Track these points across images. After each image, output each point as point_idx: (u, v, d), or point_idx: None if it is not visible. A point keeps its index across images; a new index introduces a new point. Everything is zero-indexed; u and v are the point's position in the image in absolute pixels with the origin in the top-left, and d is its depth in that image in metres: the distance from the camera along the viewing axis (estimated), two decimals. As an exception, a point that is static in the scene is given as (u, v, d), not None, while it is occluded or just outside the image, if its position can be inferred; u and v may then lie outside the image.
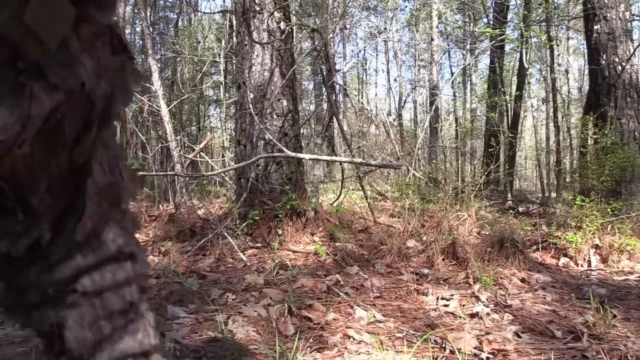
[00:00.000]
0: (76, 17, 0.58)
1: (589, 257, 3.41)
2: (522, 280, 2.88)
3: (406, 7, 19.19)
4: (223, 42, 11.62)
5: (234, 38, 5.08)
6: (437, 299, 2.48)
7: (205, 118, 14.57)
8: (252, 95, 4.16)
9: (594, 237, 3.50)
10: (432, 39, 13.34)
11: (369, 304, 2.36)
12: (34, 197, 0.65)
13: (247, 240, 3.70)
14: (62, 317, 0.68)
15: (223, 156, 9.91)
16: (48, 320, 0.69)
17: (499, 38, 6.77)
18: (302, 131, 5.63)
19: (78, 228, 0.68)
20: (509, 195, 7.98)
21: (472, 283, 2.75)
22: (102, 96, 0.67)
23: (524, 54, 9.96)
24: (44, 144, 0.64)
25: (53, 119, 0.62)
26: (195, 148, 5.50)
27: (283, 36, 4.25)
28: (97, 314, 0.68)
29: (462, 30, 14.72)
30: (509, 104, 10.24)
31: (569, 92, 16.37)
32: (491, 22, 9.46)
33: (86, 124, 0.67)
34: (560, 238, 3.57)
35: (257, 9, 4.21)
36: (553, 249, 3.58)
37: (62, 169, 0.66)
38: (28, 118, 0.57)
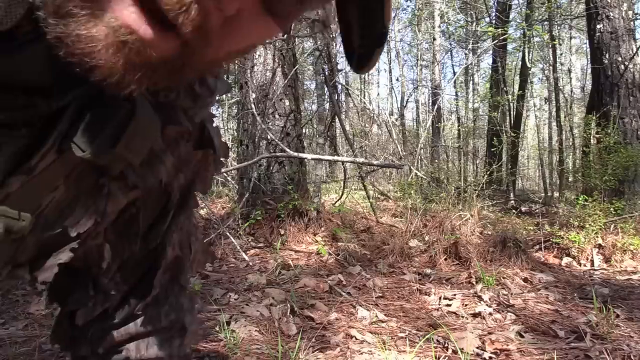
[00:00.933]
0: (162, 121, 0.57)
1: (592, 257, 3.40)
2: (525, 280, 2.88)
3: (408, 6, 19.16)
4: (225, 42, 11.61)
5: (236, 38, 5.08)
6: (440, 298, 2.48)
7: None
8: (254, 95, 4.17)
9: (597, 237, 3.49)
10: (434, 39, 13.33)
11: (372, 304, 2.36)
12: (105, 277, 0.68)
13: (249, 240, 3.70)
14: None
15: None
16: None
17: (501, 37, 6.76)
18: (304, 131, 5.63)
19: (141, 306, 0.71)
20: (512, 194, 7.97)
21: (474, 283, 2.74)
22: (179, 187, 0.68)
23: (526, 54, 9.93)
24: (119, 232, 0.66)
25: (129, 212, 0.64)
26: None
27: (285, 36, 4.25)
28: None
29: (464, 30, 14.70)
30: (511, 104, 10.22)
31: (571, 91, 16.33)
32: (493, 22, 9.45)
33: (162, 213, 0.69)
34: (563, 238, 3.56)
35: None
36: (556, 249, 3.57)
37: (135, 252, 0.69)
38: (103, 214, 0.58)
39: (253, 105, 4.09)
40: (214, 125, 0.70)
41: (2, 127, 0.47)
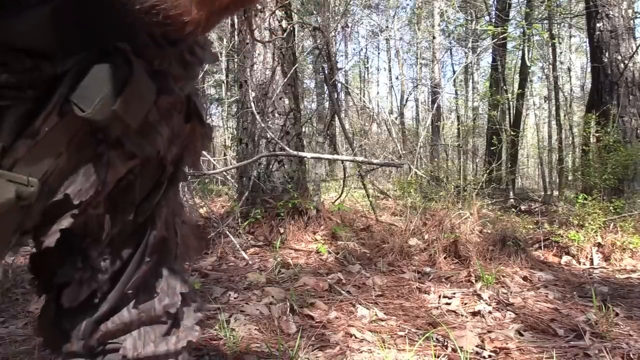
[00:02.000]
0: (157, 91, 0.61)
1: (592, 256, 3.41)
2: (524, 278, 2.88)
3: (408, 5, 19.16)
4: (225, 40, 11.62)
5: (236, 36, 5.08)
6: (439, 297, 2.48)
7: (207, 117, 14.57)
8: (253, 94, 4.16)
9: (597, 236, 3.49)
10: (434, 37, 13.32)
11: (371, 303, 2.36)
12: (95, 250, 0.67)
13: (249, 239, 3.70)
14: None
15: (225, 155, 9.92)
16: None
17: (501, 36, 6.75)
18: (303, 130, 5.63)
19: (132, 283, 0.70)
20: (511, 193, 7.97)
21: (474, 281, 2.75)
22: (172, 160, 0.70)
23: (526, 52, 9.93)
24: (114, 202, 0.67)
25: (125, 181, 0.65)
26: (197, 147, 5.51)
27: (285, 35, 4.25)
28: None
29: (464, 28, 14.69)
30: (511, 102, 10.22)
31: (571, 90, 16.33)
32: (493, 20, 9.44)
33: (156, 185, 0.70)
34: (562, 236, 3.56)
35: (259, 7, 4.21)
36: (555, 248, 3.57)
37: (126, 226, 0.69)
38: (104, 183, 0.60)
39: (253, 104, 4.09)
40: (200, 99, 0.72)
41: (10, 88, 0.49)
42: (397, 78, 19.38)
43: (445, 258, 3.19)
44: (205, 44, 0.70)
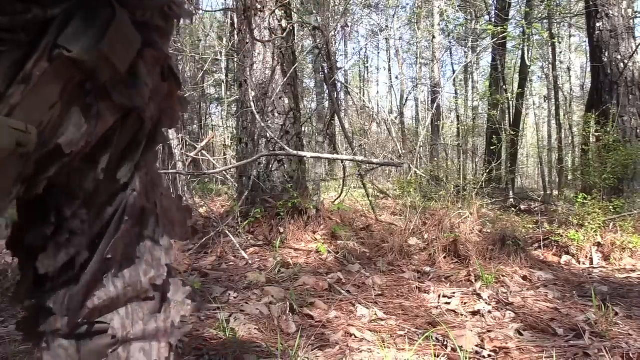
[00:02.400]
0: (142, 43, 0.64)
1: (591, 255, 3.41)
2: (524, 278, 2.88)
3: (407, 4, 19.16)
4: (224, 40, 11.62)
5: (236, 36, 5.07)
6: (439, 296, 2.48)
7: (207, 116, 14.57)
8: (253, 94, 4.16)
9: (596, 235, 3.49)
10: (434, 37, 13.32)
11: (371, 302, 2.36)
12: (69, 209, 0.65)
13: (248, 239, 3.70)
14: (81, 356, 0.68)
15: (225, 154, 9.92)
16: (64, 353, 0.68)
17: (501, 35, 6.75)
18: (303, 129, 5.63)
19: (111, 247, 0.68)
20: (511, 193, 7.96)
21: (473, 281, 2.75)
22: (150, 117, 0.71)
23: (525, 52, 9.93)
24: (92, 155, 0.66)
25: (104, 134, 0.66)
26: (197, 146, 5.51)
27: (284, 34, 4.25)
28: None
29: (463, 28, 14.69)
30: (510, 102, 10.22)
31: (571, 89, 16.33)
32: (493, 20, 9.44)
33: (134, 142, 0.70)
34: (562, 236, 3.56)
35: (259, 7, 4.21)
36: (555, 247, 3.57)
37: (104, 186, 0.68)
38: (93, 134, 0.62)
39: (252, 104, 4.09)
40: (174, 61, 0.74)
41: (3, 31, 0.52)
42: (397, 77, 19.40)
43: (445, 257, 3.19)
44: (180, 1, 0.73)
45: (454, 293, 2.53)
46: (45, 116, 0.56)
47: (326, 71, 5.05)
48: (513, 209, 6.14)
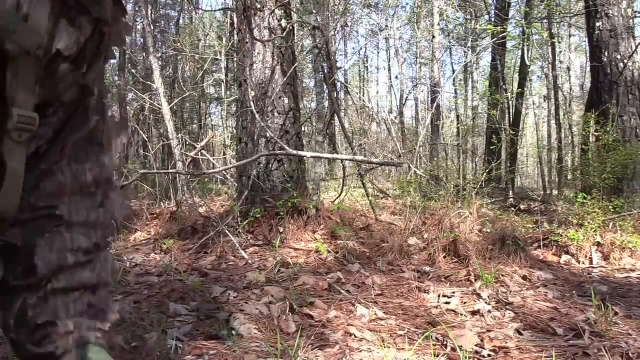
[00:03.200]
0: None
1: (591, 255, 3.41)
2: (524, 277, 2.88)
3: (407, 4, 19.17)
4: (224, 39, 11.61)
5: (235, 36, 5.07)
6: (439, 296, 2.48)
7: (207, 116, 14.57)
8: (253, 93, 4.16)
9: (596, 235, 3.49)
10: (433, 36, 13.31)
11: (370, 302, 2.36)
12: (51, 107, 0.75)
13: (248, 238, 3.70)
14: (36, 239, 0.76)
15: (224, 154, 9.92)
16: (23, 238, 0.76)
17: (501, 35, 6.75)
18: (303, 129, 5.63)
19: (68, 143, 0.78)
20: (511, 192, 7.97)
21: (473, 280, 2.75)
22: (108, 32, 0.80)
23: (525, 51, 9.93)
24: (74, 62, 0.75)
25: (84, 43, 0.75)
26: (197, 146, 5.51)
27: (284, 34, 4.25)
28: (65, 246, 0.77)
29: (463, 28, 14.69)
30: (510, 102, 10.22)
31: (570, 89, 16.34)
32: (492, 19, 9.44)
33: (97, 53, 0.80)
34: (561, 235, 3.56)
35: (258, 6, 4.21)
36: (554, 247, 3.57)
37: (74, 88, 0.77)
38: (79, 42, 0.72)
39: (252, 103, 4.09)
40: None
41: None
42: (396, 77, 19.40)
43: (444, 257, 3.19)
44: None
45: (453, 292, 2.53)
46: (47, 27, 0.65)
47: (326, 71, 5.05)
48: (513, 208, 6.14)
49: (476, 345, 1.81)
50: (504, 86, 9.80)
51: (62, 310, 0.76)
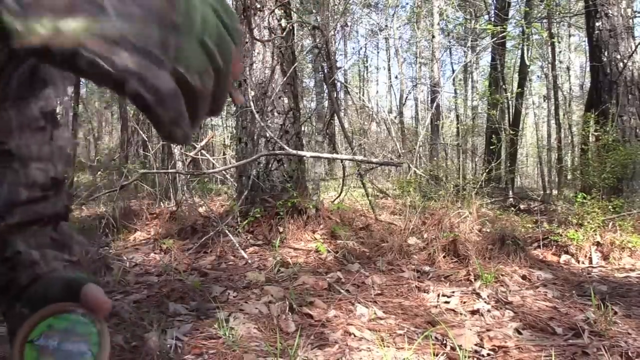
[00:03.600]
0: None
1: (590, 254, 3.41)
2: (523, 277, 2.89)
3: (407, 4, 19.17)
4: (224, 39, 11.58)
5: (235, 36, 5.07)
6: (438, 296, 2.48)
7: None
8: (253, 93, 4.16)
9: (596, 235, 3.50)
10: (433, 36, 13.32)
11: (370, 301, 2.37)
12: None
13: (248, 238, 3.70)
14: None
15: (224, 154, 9.92)
16: None
17: (500, 35, 6.75)
18: (303, 129, 5.63)
19: (13, 81, 0.76)
20: (510, 192, 7.97)
21: (473, 280, 2.75)
22: None
23: (525, 51, 9.93)
24: None
25: None
26: (197, 146, 5.51)
27: (284, 34, 4.25)
28: (17, 181, 0.76)
29: (463, 28, 14.69)
30: (510, 102, 10.22)
31: (570, 89, 16.34)
32: (492, 19, 9.44)
33: None
34: (561, 235, 3.56)
35: (258, 6, 4.21)
36: (554, 247, 3.57)
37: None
38: None
39: (252, 103, 4.09)
40: None
41: None
42: (396, 77, 19.41)
43: (444, 257, 3.20)
44: None
45: (453, 292, 2.53)
46: None
47: (326, 71, 5.05)
48: (512, 208, 6.14)
49: (476, 344, 1.81)
50: (503, 86, 9.80)
51: (21, 245, 0.76)
